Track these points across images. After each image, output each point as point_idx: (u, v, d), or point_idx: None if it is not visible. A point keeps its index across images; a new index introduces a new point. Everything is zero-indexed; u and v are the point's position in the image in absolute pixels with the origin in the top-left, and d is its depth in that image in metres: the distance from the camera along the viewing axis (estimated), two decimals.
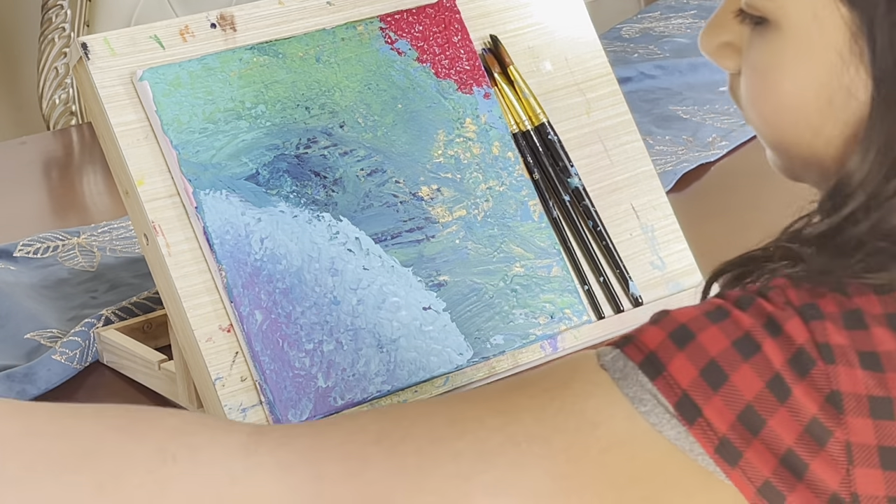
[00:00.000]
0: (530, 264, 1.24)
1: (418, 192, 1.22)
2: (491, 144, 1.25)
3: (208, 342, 1.12)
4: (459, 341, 1.19)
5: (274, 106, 1.18)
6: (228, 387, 1.12)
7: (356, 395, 1.14)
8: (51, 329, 1.36)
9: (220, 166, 1.15)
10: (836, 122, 0.80)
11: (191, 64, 1.16)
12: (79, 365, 1.29)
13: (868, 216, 0.77)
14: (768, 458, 0.74)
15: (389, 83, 1.23)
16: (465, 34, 1.27)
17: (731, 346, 0.74)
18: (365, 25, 1.24)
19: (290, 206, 1.16)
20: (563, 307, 1.23)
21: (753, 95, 0.83)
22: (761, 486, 0.74)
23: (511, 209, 1.24)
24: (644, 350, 0.76)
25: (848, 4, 0.77)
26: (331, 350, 1.14)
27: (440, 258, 1.21)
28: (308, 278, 1.15)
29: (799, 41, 0.79)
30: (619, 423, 0.75)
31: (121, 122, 1.14)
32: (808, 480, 0.73)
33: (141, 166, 1.14)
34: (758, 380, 0.74)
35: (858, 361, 0.74)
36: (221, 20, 1.20)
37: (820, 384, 0.73)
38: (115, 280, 1.44)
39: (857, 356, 0.74)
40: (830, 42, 0.78)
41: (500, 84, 1.29)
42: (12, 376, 1.26)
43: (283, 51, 1.20)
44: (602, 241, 1.29)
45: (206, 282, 1.13)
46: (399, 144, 1.22)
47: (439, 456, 0.76)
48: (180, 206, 1.14)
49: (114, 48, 1.15)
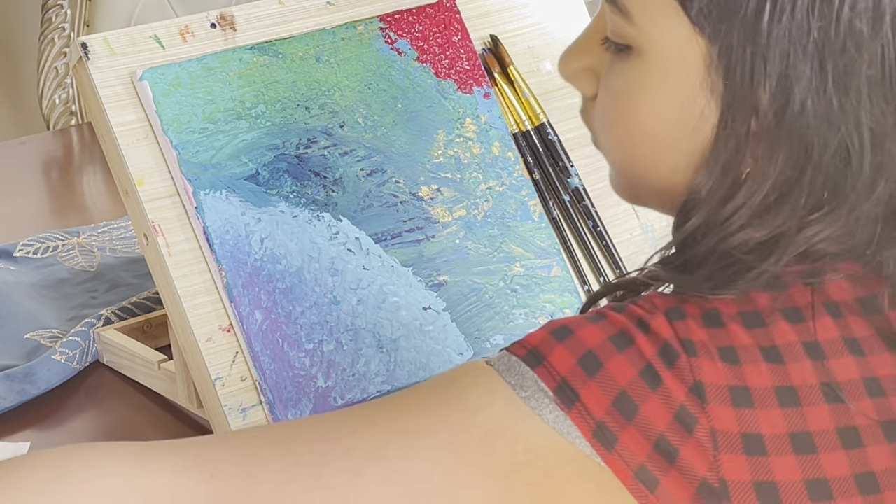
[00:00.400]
0: (530, 264, 1.24)
1: (418, 192, 1.22)
2: (491, 144, 1.25)
3: (208, 342, 1.12)
4: (459, 341, 1.19)
5: (274, 106, 1.18)
6: (228, 387, 1.12)
7: (356, 395, 1.14)
8: (51, 329, 1.36)
9: (220, 166, 1.15)
10: (686, 150, 0.83)
11: (191, 64, 1.16)
12: (79, 365, 1.29)
13: (708, 236, 0.82)
14: (642, 442, 0.78)
15: (389, 83, 1.23)
16: (465, 34, 1.27)
17: (607, 339, 0.80)
18: (365, 25, 1.24)
19: (290, 206, 1.16)
20: (563, 307, 1.23)
21: (609, 120, 0.87)
22: (637, 469, 0.78)
23: (511, 209, 1.24)
24: (527, 346, 0.82)
25: (707, 38, 0.81)
26: (331, 350, 1.14)
27: (440, 258, 1.21)
28: (308, 278, 1.15)
29: (660, 70, 0.83)
30: (500, 409, 0.79)
31: (121, 121, 1.14)
32: (680, 466, 0.78)
33: (141, 166, 1.14)
34: (631, 368, 0.79)
35: (718, 355, 0.79)
36: (221, 20, 1.20)
37: (685, 374, 0.78)
38: (115, 280, 1.44)
39: (717, 350, 0.79)
40: (689, 72, 0.82)
41: (500, 84, 1.29)
42: (12, 376, 1.26)
43: (283, 51, 1.20)
44: (602, 241, 1.29)
45: (205, 282, 1.13)
46: (399, 144, 1.22)
47: (331, 452, 0.80)
48: (180, 206, 1.14)
49: (114, 48, 1.15)
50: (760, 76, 0.80)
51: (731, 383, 0.78)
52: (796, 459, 0.78)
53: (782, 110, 0.80)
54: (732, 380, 0.78)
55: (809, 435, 0.78)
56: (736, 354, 0.79)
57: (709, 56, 0.81)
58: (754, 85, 0.80)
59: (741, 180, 0.82)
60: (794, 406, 0.78)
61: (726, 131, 0.82)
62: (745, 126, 0.81)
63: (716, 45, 0.81)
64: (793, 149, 0.81)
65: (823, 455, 0.78)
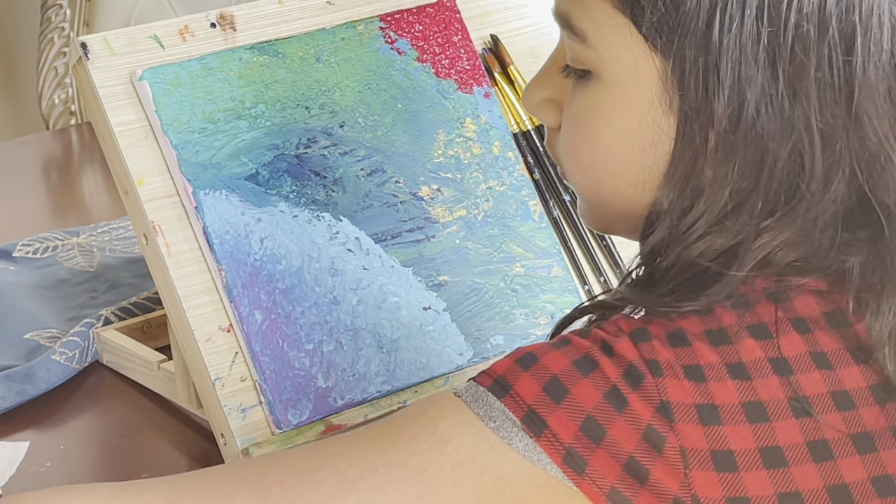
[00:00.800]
0: (530, 264, 1.23)
1: (418, 192, 1.21)
2: (491, 144, 1.25)
3: (208, 342, 1.12)
4: (459, 341, 1.19)
5: (274, 106, 1.18)
6: (228, 387, 1.12)
7: (356, 396, 1.14)
8: (50, 329, 1.35)
9: (220, 166, 1.15)
10: (649, 167, 0.85)
11: (190, 64, 1.16)
12: (78, 365, 1.29)
13: (671, 248, 0.84)
14: (612, 465, 0.79)
15: (389, 83, 1.23)
16: (465, 34, 1.27)
17: (571, 364, 0.81)
18: (365, 25, 1.24)
19: (289, 205, 1.16)
20: (563, 307, 1.23)
21: (573, 145, 0.89)
22: (608, 492, 0.79)
23: (511, 209, 1.24)
24: (493, 376, 0.82)
25: (661, 54, 0.83)
26: (331, 350, 1.14)
27: (440, 258, 1.21)
28: (308, 278, 1.15)
29: (617, 89, 0.85)
30: (469, 440, 0.81)
31: (120, 121, 1.14)
32: (651, 485, 0.79)
33: (140, 166, 1.14)
34: (596, 392, 0.80)
35: (684, 374, 0.80)
36: (221, 20, 1.19)
37: (651, 395, 0.79)
38: (115, 280, 1.44)
39: (683, 369, 0.80)
40: (645, 89, 0.84)
41: (500, 84, 1.29)
42: (12, 376, 1.26)
43: (283, 50, 1.20)
44: (602, 241, 1.29)
45: (205, 282, 1.13)
46: (399, 144, 1.22)
47: (302, 485, 0.81)
48: (180, 206, 1.14)
49: (113, 48, 1.15)
50: (714, 86, 0.81)
51: (697, 401, 0.79)
52: (767, 474, 0.79)
53: (737, 118, 0.81)
54: (699, 398, 0.79)
55: (780, 449, 0.79)
56: (702, 372, 0.80)
57: (664, 71, 0.83)
58: (709, 95, 0.82)
59: (700, 190, 0.83)
60: (763, 421, 0.79)
61: (684, 143, 0.83)
62: (703, 136, 0.82)
63: (669, 59, 0.82)
64: (748, 155, 0.82)
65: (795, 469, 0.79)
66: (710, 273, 0.82)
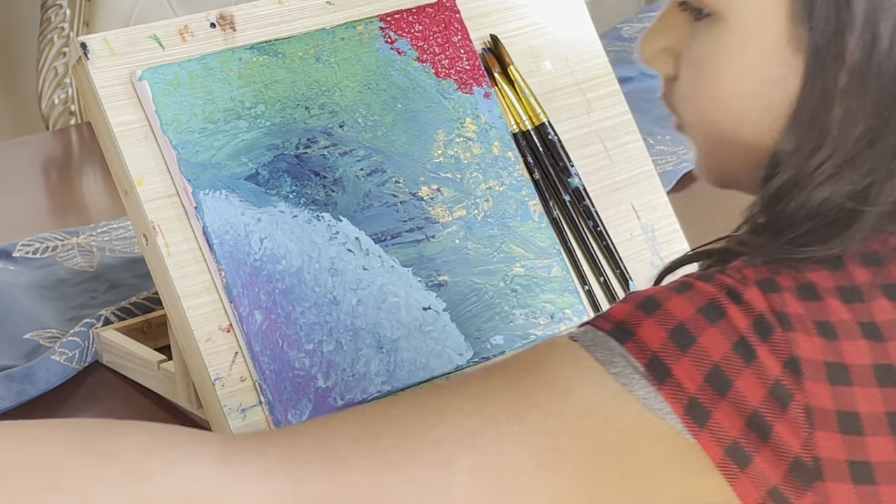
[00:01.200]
0: (530, 264, 1.23)
1: (418, 192, 1.21)
2: (491, 144, 1.25)
3: (208, 342, 1.12)
4: (459, 341, 1.19)
5: (273, 106, 1.18)
6: (228, 387, 1.12)
7: (356, 396, 1.14)
8: (50, 329, 1.35)
9: (220, 166, 1.15)
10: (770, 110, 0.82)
11: (190, 64, 1.16)
12: (78, 365, 1.29)
13: (796, 192, 0.80)
14: (735, 419, 0.76)
15: (389, 83, 1.23)
16: (465, 34, 1.27)
17: (696, 311, 0.77)
18: (365, 25, 1.24)
19: (289, 206, 1.16)
20: (563, 307, 1.23)
21: (693, 91, 0.86)
22: (728, 447, 0.76)
23: (511, 209, 1.24)
24: (613, 320, 0.79)
25: None
26: (331, 350, 1.14)
27: (440, 258, 1.20)
28: (308, 278, 1.15)
29: (743, 29, 0.82)
30: (591, 387, 0.77)
31: (120, 121, 1.14)
32: (773, 443, 0.75)
33: (140, 166, 1.14)
34: (724, 342, 0.76)
35: (815, 329, 0.76)
36: (221, 20, 1.19)
37: (780, 349, 0.76)
38: (115, 280, 1.44)
39: (814, 325, 0.77)
40: (772, 30, 0.81)
41: (500, 84, 1.29)
42: (12, 376, 1.26)
43: (283, 50, 1.20)
44: (602, 241, 1.28)
45: (205, 282, 1.13)
46: (399, 144, 1.22)
47: (419, 446, 0.77)
48: (180, 206, 1.14)
49: (113, 48, 1.15)
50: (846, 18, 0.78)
51: (827, 359, 0.76)
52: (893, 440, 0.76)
53: (870, 52, 0.79)
54: (829, 356, 0.76)
55: None
56: (833, 329, 0.77)
57: (791, 8, 0.80)
58: (839, 29, 0.79)
59: (829, 130, 0.80)
60: (894, 386, 0.76)
61: (813, 80, 0.80)
62: (833, 73, 0.80)
63: None
64: (882, 90, 0.79)
65: None
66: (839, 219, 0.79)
